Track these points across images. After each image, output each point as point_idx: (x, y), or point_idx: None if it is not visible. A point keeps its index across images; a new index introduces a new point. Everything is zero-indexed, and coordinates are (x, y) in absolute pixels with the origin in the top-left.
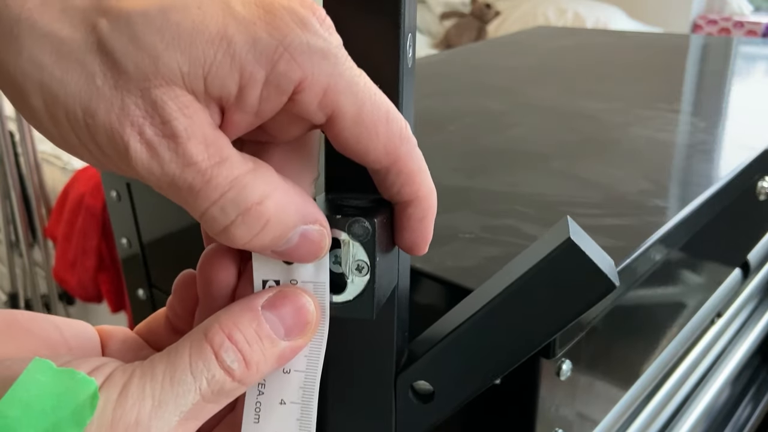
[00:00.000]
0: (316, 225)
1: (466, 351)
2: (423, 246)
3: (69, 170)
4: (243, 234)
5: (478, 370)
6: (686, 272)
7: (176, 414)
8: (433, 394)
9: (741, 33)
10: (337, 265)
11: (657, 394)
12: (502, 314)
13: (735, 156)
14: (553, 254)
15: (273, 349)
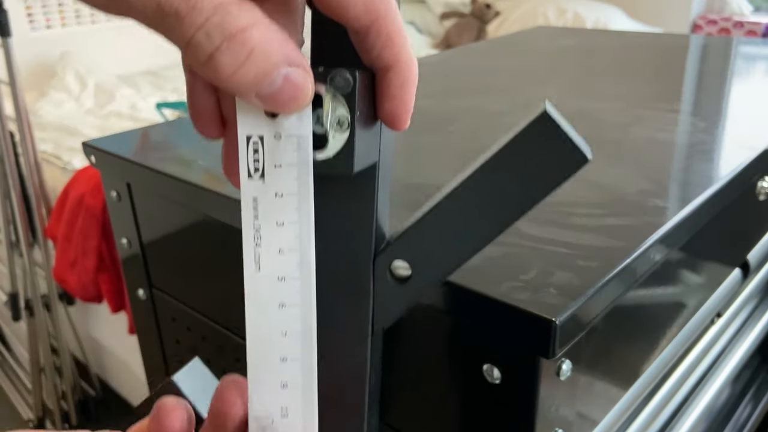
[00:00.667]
0: (300, 68)
1: (442, 228)
2: (404, 117)
3: (69, 170)
4: (227, 62)
5: (454, 248)
6: (686, 272)
7: None
8: (410, 277)
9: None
10: (319, 126)
11: (657, 394)
12: (477, 189)
13: (735, 156)
14: (529, 126)
15: None
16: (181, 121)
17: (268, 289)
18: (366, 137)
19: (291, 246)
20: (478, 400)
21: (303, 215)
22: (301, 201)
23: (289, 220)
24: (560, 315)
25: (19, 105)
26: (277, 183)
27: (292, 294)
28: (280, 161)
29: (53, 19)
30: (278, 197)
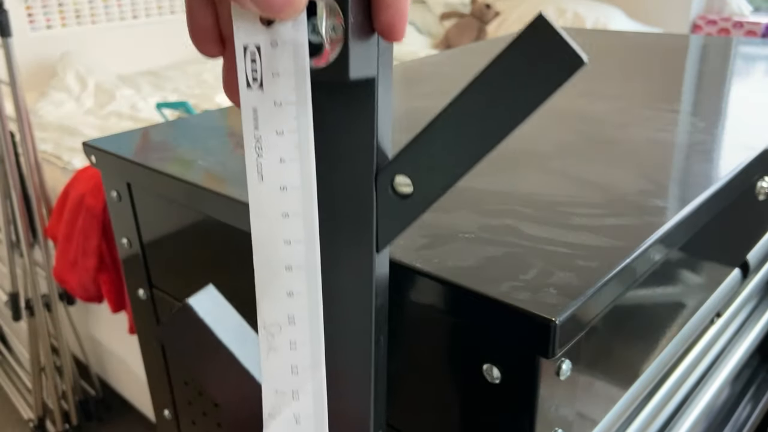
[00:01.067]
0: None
1: (443, 141)
2: (399, 27)
3: (69, 170)
4: None
5: (455, 160)
6: (686, 272)
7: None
8: (412, 193)
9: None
10: (314, 34)
11: (657, 394)
12: (475, 100)
13: (734, 156)
14: (525, 32)
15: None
16: (181, 121)
17: (271, 198)
18: (362, 46)
19: (291, 155)
20: (478, 399)
21: (302, 124)
22: (299, 109)
23: (289, 128)
24: (560, 315)
25: (19, 105)
26: (276, 92)
27: (295, 203)
28: (277, 69)
29: (53, 19)
30: (277, 106)
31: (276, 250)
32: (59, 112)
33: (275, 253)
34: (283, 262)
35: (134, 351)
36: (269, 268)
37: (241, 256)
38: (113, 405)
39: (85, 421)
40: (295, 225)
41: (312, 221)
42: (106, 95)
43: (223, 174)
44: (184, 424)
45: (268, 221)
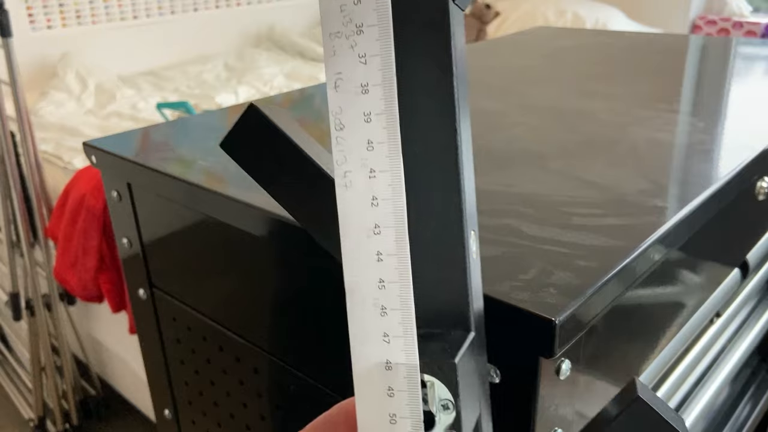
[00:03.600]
0: None
1: None
2: None
3: (70, 170)
4: None
5: None
6: (685, 272)
7: None
8: None
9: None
10: (424, 403)
11: (657, 393)
12: None
13: (734, 156)
14: (623, 413)
15: None
16: (181, 121)
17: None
18: (470, 407)
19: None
20: None
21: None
22: None
23: None
24: (560, 315)
25: (19, 105)
26: None
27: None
28: None
29: (54, 19)
30: None
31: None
32: (60, 112)
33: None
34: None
35: (134, 351)
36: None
37: (241, 256)
38: (113, 405)
39: (86, 421)
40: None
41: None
42: (107, 95)
43: (223, 174)
44: (184, 424)
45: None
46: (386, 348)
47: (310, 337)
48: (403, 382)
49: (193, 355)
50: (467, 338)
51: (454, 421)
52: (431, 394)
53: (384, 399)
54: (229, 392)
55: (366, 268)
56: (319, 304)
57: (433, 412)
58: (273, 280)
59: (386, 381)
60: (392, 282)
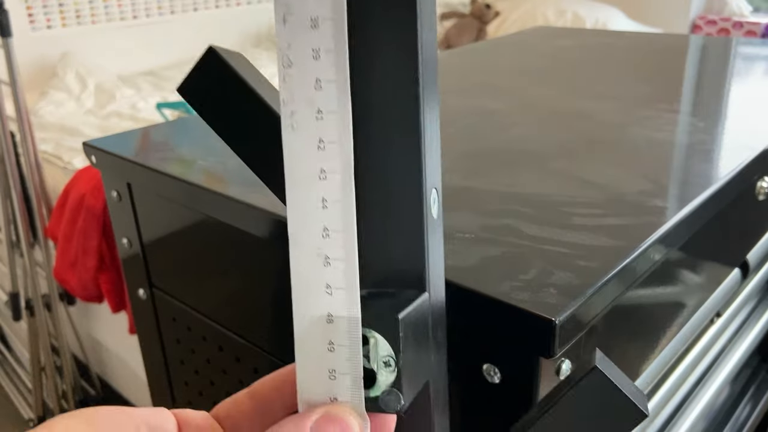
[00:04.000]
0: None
1: None
2: None
3: (70, 170)
4: None
5: None
6: (685, 272)
7: None
8: None
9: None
10: (366, 359)
11: (656, 394)
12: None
13: (734, 156)
14: (580, 382)
15: None
16: (181, 121)
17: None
18: (415, 367)
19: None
20: (478, 399)
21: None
22: None
23: None
24: (560, 315)
25: (19, 105)
26: None
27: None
28: None
29: (54, 19)
30: None
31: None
32: (59, 112)
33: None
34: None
35: (134, 351)
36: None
37: (241, 256)
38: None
39: None
40: None
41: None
42: (107, 95)
43: (223, 174)
44: None
45: None
46: (328, 300)
47: None
48: (344, 336)
49: (193, 355)
50: (419, 297)
51: (395, 379)
52: (373, 351)
53: (324, 354)
54: (229, 392)
55: (310, 215)
56: None
57: (374, 370)
58: (273, 280)
59: (327, 335)
60: (336, 231)
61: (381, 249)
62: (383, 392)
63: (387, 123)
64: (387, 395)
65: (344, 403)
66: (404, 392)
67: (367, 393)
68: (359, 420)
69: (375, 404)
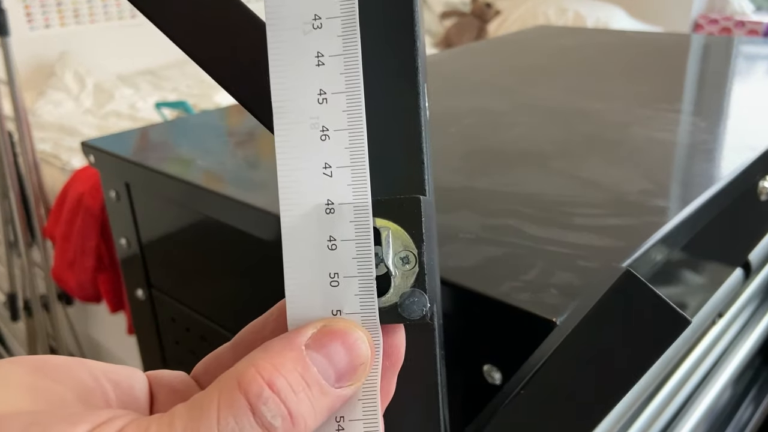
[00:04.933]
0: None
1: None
2: None
3: (68, 170)
4: None
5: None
6: (687, 272)
7: None
8: None
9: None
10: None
11: (658, 395)
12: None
13: (736, 156)
14: (610, 293)
15: (323, 398)
16: (180, 120)
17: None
18: (433, 264)
19: None
20: (478, 400)
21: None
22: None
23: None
24: (561, 315)
25: (17, 105)
26: None
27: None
28: None
29: (52, 18)
30: None
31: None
32: (58, 111)
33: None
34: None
35: (133, 351)
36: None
37: (240, 256)
38: None
39: None
40: None
41: None
42: (105, 95)
43: (222, 174)
44: None
45: None
46: (327, 183)
47: None
48: (350, 228)
49: (192, 356)
50: (424, 197)
51: (417, 276)
52: (386, 246)
53: (323, 253)
54: None
55: (302, 76)
56: None
57: (390, 269)
58: (272, 280)
59: (326, 228)
60: (337, 92)
61: (378, 154)
62: (403, 295)
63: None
64: (408, 298)
65: (351, 314)
66: (429, 293)
67: (380, 302)
68: (369, 335)
69: (392, 313)
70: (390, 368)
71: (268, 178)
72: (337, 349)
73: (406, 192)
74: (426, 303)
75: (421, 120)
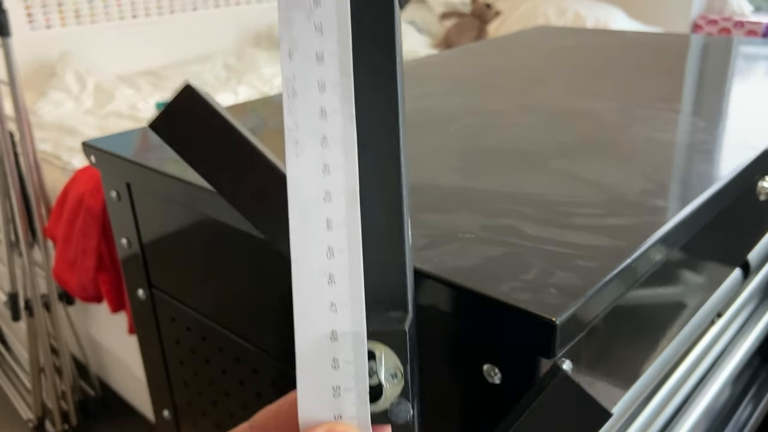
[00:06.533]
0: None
1: None
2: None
3: (69, 170)
4: None
5: None
6: (686, 272)
7: None
8: None
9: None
10: (372, 375)
11: (657, 394)
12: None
13: (735, 156)
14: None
15: None
16: None
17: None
18: (416, 379)
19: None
20: (478, 400)
21: None
22: None
23: None
24: (560, 315)
25: (18, 105)
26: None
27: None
28: None
29: (53, 18)
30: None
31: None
32: (59, 111)
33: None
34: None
35: (134, 351)
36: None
37: (241, 256)
38: (113, 405)
39: (85, 422)
40: None
41: None
42: (106, 95)
43: None
44: (184, 424)
45: None
46: (332, 318)
47: None
48: (350, 352)
49: (193, 356)
50: (407, 316)
51: (402, 389)
52: (380, 364)
53: (328, 372)
54: (229, 393)
55: (315, 237)
56: None
57: (381, 383)
58: (273, 281)
59: (331, 352)
60: (341, 249)
61: (370, 275)
62: (392, 404)
63: (372, 154)
64: (396, 406)
65: (350, 418)
66: (412, 402)
67: (373, 407)
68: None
69: (383, 417)
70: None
71: None
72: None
73: (392, 298)
74: (410, 410)
75: (406, 250)
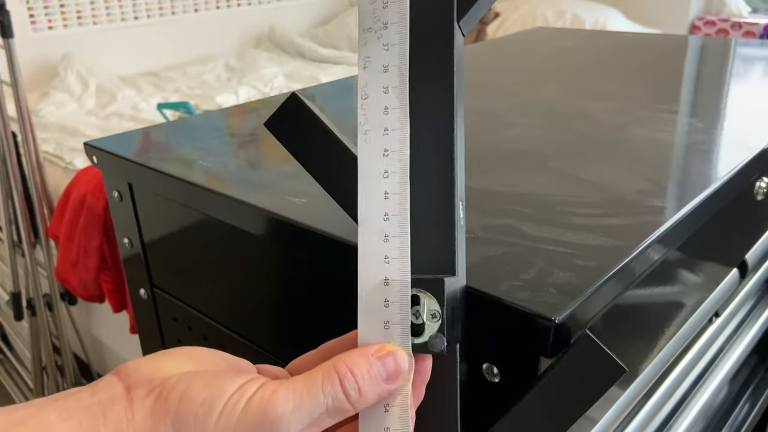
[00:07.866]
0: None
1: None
2: None
3: (71, 170)
4: None
5: None
6: (684, 272)
7: (307, 418)
8: None
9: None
10: (415, 316)
11: (655, 393)
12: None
13: (733, 156)
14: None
15: (377, 387)
16: (182, 121)
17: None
18: (455, 319)
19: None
20: (478, 399)
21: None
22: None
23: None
24: (559, 314)
25: (21, 105)
26: None
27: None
28: None
29: (55, 20)
30: None
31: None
32: (61, 112)
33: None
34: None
35: (135, 351)
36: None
37: (242, 256)
38: None
39: None
40: None
41: None
42: (108, 96)
43: (223, 174)
44: None
45: None
46: (386, 268)
47: (311, 337)
48: (397, 295)
49: None
50: (452, 277)
51: (439, 326)
52: (423, 307)
53: (381, 309)
54: None
55: (375, 204)
56: (320, 304)
57: (424, 321)
58: (273, 280)
59: (384, 294)
60: (394, 215)
61: (424, 246)
62: (430, 337)
63: (430, 145)
64: (434, 339)
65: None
66: (446, 336)
67: (415, 340)
68: (407, 357)
69: (422, 347)
70: (420, 381)
71: (269, 178)
72: (389, 360)
73: (444, 264)
74: (444, 343)
75: (456, 227)
